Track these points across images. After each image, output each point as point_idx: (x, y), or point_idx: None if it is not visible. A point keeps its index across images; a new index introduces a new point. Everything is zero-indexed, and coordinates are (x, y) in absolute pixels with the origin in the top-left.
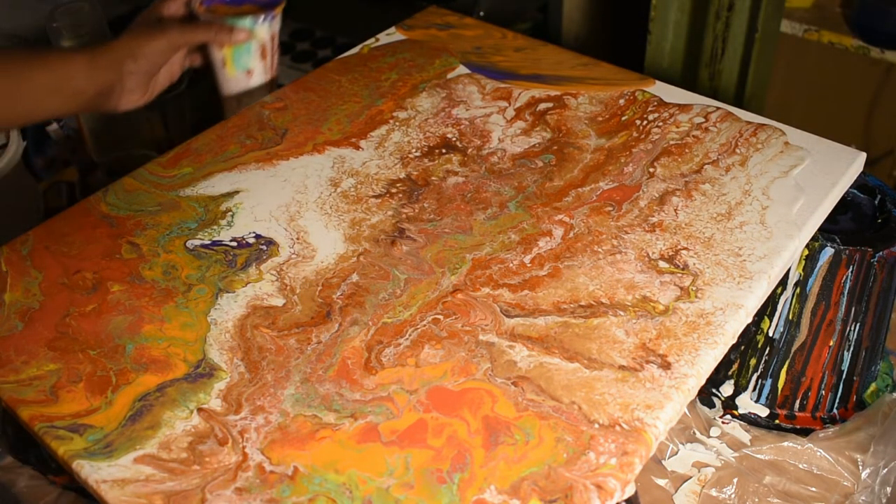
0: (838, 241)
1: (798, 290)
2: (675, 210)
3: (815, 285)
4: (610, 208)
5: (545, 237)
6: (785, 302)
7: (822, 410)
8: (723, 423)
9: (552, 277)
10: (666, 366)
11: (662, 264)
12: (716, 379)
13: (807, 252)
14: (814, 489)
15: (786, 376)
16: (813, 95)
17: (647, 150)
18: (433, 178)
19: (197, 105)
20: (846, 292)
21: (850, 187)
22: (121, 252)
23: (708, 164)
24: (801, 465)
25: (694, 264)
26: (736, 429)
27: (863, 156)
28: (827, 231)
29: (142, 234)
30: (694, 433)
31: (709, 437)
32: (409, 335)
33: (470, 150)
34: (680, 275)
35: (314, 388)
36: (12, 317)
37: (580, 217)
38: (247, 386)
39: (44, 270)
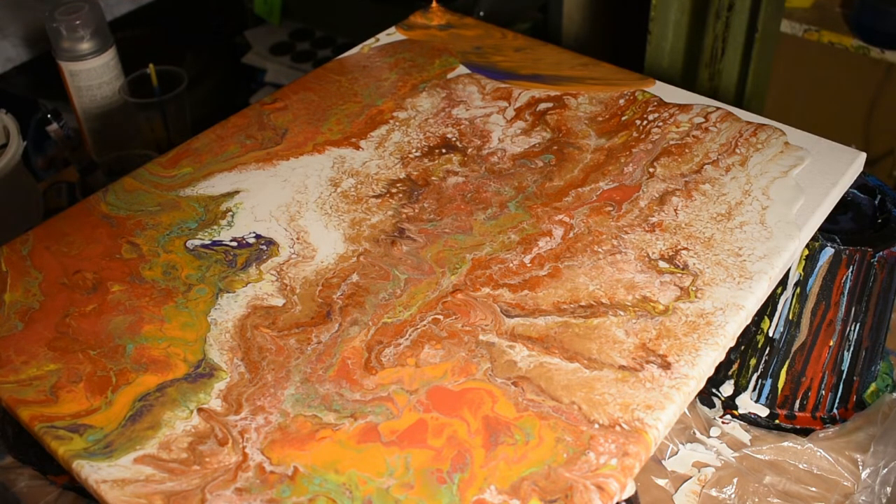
0: (838, 241)
1: (798, 290)
2: (675, 210)
3: (815, 285)
4: (610, 208)
5: (545, 237)
6: (785, 302)
7: (822, 410)
8: (723, 423)
9: (552, 277)
10: (666, 366)
11: (662, 264)
12: (716, 379)
13: (807, 252)
14: (814, 489)
15: (786, 376)
16: (813, 95)
17: (647, 150)
18: (433, 178)
19: (197, 105)
20: (846, 292)
21: (850, 187)
22: (121, 252)
23: (708, 164)
24: (801, 465)
25: (694, 264)
26: (736, 429)
27: (863, 156)
28: (827, 231)
29: (142, 234)
30: (694, 433)
31: (709, 437)
32: (409, 335)
33: (470, 150)
34: (680, 275)
35: (314, 389)
36: (12, 317)
37: (580, 217)
38: (247, 386)
39: (44, 270)
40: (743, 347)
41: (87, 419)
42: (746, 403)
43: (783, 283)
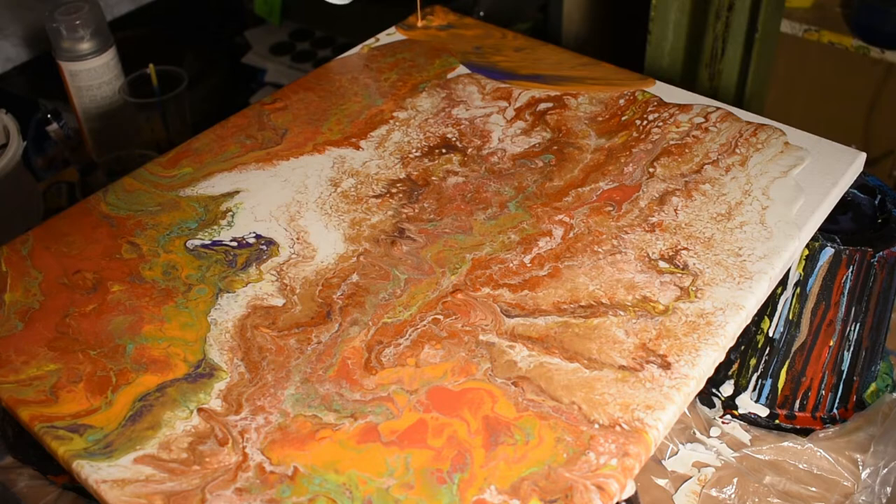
0: (838, 241)
1: (798, 290)
2: (675, 210)
3: (815, 285)
4: (610, 208)
5: (545, 237)
6: (785, 302)
7: (822, 410)
8: (723, 423)
9: (552, 277)
10: (666, 366)
11: (662, 264)
12: (716, 379)
13: (807, 252)
14: (814, 489)
15: (786, 376)
16: (813, 95)
17: (647, 150)
18: (433, 178)
19: (197, 105)
20: (846, 292)
21: (850, 187)
22: (121, 252)
23: (708, 164)
24: (801, 465)
25: (694, 264)
26: (736, 429)
27: (863, 156)
28: (827, 231)
29: (142, 234)
30: (694, 433)
31: (709, 437)
32: (409, 335)
33: (470, 150)
34: (680, 275)
35: (314, 389)
36: (12, 317)
37: (580, 217)
38: (247, 386)
39: (44, 270)
40: (743, 347)
41: (87, 419)
42: (746, 403)
43: (783, 283)
